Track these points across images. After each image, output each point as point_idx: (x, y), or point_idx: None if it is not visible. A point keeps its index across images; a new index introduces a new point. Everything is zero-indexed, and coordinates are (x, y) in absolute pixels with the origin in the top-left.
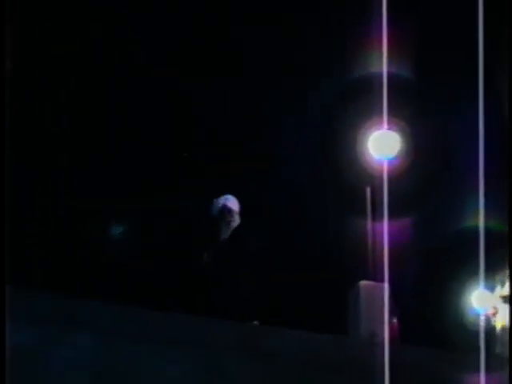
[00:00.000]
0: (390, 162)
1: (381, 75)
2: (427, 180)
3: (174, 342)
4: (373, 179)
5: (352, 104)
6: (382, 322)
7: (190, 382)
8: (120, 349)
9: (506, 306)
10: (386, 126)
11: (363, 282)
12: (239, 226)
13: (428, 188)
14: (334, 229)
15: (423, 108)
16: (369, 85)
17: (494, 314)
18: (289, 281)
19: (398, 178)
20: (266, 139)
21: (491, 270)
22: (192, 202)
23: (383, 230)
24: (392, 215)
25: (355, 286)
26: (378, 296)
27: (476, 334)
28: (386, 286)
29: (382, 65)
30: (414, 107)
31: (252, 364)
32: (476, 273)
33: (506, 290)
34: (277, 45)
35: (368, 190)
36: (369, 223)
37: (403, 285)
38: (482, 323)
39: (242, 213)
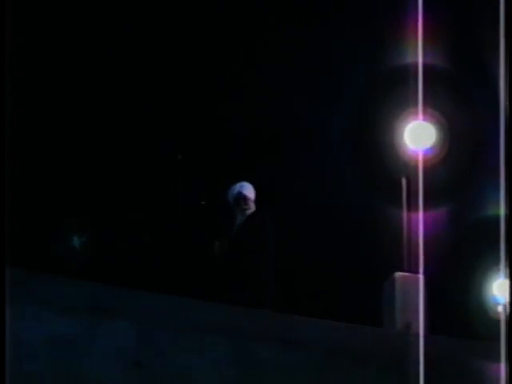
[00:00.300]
0: (426, 152)
1: (416, 66)
2: (462, 170)
3: (208, 329)
4: (409, 170)
5: (388, 95)
6: (417, 313)
7: (223, 369)
8: (154, 337)
9: None
10: (421, 116)
11: (398, 273)
12: (254, 213)
13: (463, 178)
14: (369, 219)
15: (458, 99)
16: (404, 76)
17: None
18: (322, 271)
19: (433, 169)
20: (302, 129)
21: None
22: (209, 189)
23: (418, 221)
24: (427, 206)
25: (390, 277)
26: (413, 287)
27: (497, 322)
28: (421, 276)
29: (418, 55)
30: (449, 98)
31: (284, 354)
32: (497, 262)
33: None
34: (314, 35)
35: (404, 181)
36: (404, 214)
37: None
38: (502, 312)
39: (256, 200)
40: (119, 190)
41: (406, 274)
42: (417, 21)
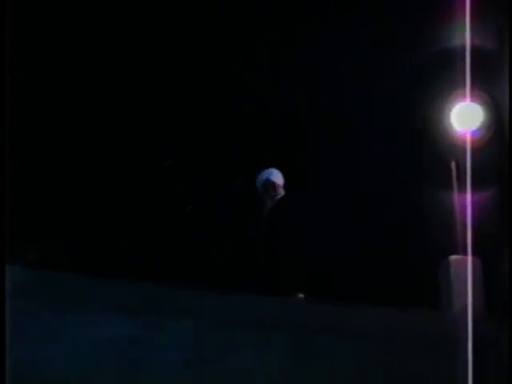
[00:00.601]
0: (473, 134)
1: (464, 47)
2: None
3: (267, 324)
4: (457, 152)
5: (435, 77)
6: (474, 297)
7: (283, 363)
8: (215, 334)
9: None
10: (468, 98)
11: (453, 257)
12: (283, 199)
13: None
14: (419, 203)
15: (505, 79)
16: (452, 57)
17: None
18: (375, 258)
19: (481, 150)
20: (348, 112)
21: None
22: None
23: (468, 202)
24: (476, 188)
25: (445, 261)
26: (469, 270)
27: None
28: (476, 259)
29: (466, 36)
30: (496, 79)
31: (343, 343)
32: None
33: None
34: (361, 17)
35: (453, 163)
36: (456, 196)
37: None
38: None
39: (285, 186)
40: (119, 190)
41: (461, 256)
42: (464, 1)
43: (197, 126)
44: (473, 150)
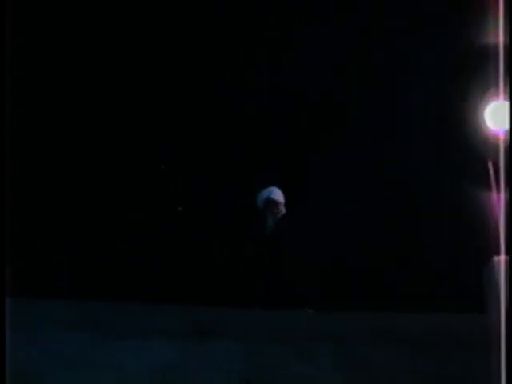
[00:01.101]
0: (506, 132)
1: (497, 45)
2: None
3: (313, 338)
4: (491, 151)
5: (468, 75)
6: None
7: (330, 374)
8: (258, 351)
9: None
10: (502, 96)
11: (497, 257)
12: (285, 216)
13: None
14: (459, 204)
15: None
16: (485, 56)
17: None
18: (417, 260)
19: None
20: (381, 112)
21: None
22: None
23: (502, 201)
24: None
25: (489, 262)
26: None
27: None
28: None
29: (499, 34)
30: None
31: (388, 350)
32: None
33: None
34: (392, 15)
35: (490, 163)
36: (494, 196)
37: None
38: None
39: (286, 203)
40: (119, 191)
41: (505, 256)
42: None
43: (197, 126)
44: (506, 148)
